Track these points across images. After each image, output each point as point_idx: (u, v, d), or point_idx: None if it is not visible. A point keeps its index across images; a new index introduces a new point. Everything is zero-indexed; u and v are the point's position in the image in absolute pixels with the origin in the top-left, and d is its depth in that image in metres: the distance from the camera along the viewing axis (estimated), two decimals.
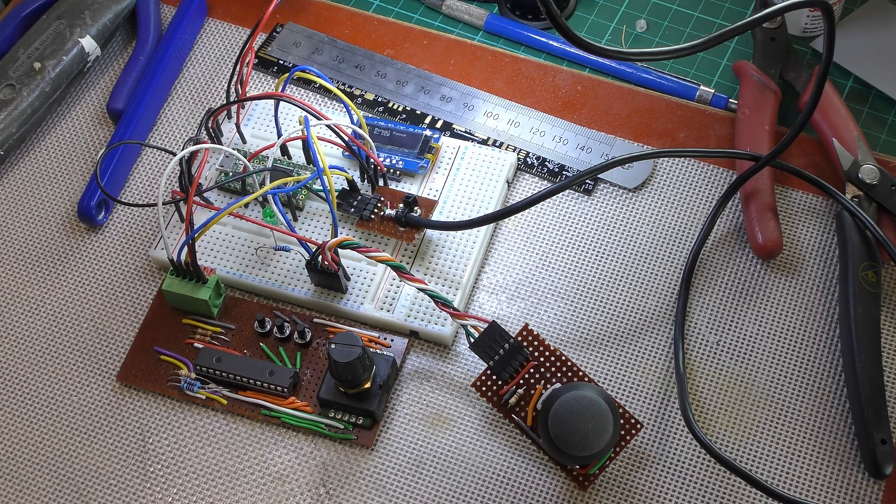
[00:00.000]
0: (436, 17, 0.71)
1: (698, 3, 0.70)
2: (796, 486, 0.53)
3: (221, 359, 0.56)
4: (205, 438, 0.56)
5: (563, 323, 0.58)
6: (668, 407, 0.55)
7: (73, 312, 0.60)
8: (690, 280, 0.58)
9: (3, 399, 0.58)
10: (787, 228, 0.60)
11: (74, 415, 0.57)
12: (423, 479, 0.54)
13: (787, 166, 0.60)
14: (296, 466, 0.55)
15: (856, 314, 0.55)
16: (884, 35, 0.66)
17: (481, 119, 0.65)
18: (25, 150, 0.66)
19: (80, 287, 0.61)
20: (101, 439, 0.56)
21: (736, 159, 0.61)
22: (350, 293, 0.59)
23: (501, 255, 0.60)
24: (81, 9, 0.68)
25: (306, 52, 0.69)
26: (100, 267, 0.62)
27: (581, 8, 0.70)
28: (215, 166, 0.63)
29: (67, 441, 0.56)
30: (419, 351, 0.58)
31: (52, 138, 0.67)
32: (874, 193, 0.58)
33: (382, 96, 0.66)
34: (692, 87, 0.65)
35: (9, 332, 0.60)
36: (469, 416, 0.56)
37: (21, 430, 0.57)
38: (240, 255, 0.60)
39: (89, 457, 0.56)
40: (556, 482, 0.54)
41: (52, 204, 0.64)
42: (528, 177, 0.63)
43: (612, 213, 0.61)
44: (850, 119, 0.61)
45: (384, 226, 0.59)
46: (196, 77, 0.68)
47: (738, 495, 0.53)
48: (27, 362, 0.59)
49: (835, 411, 0.55)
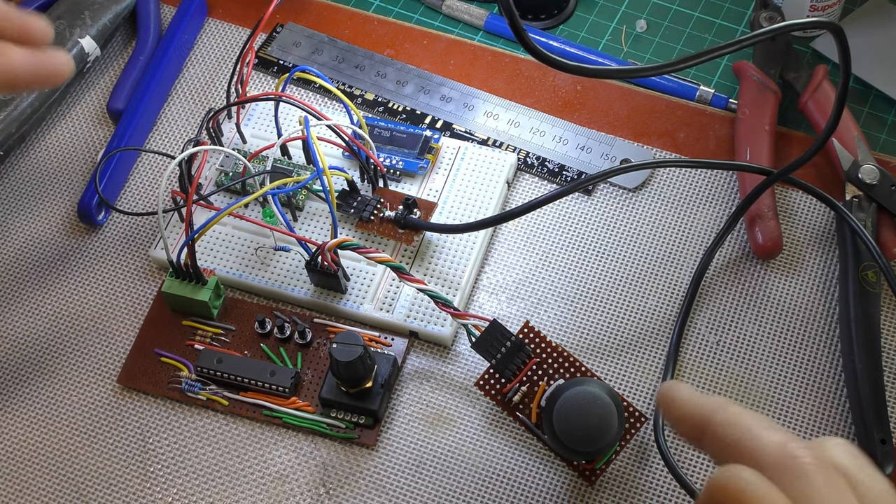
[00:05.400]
0: (436, 17, 0.71)
1: (698, 3, 0.70)
2: None
3: (222, 360, 0.56)
4: (205, 439, 0.56)
5: (563, 323, 0.58)
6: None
7: (73, 313, 0.60)
8: (697, 289, 0.58)
9: (3, 399, 0.58)
10: (787, 228, 0.60)
11: (74, 415, 0.57)
12: (424, 479, 0.54)
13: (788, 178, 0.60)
14: (296, 466, 0.55)
15: (856, 314, 0.55)
16: (884, 35, 0.66)
17: (481, 119, 0.65)
18: (25, 150, 0.66)
19: (80, 287, 0.61)
20: (101, 440, 0.56)
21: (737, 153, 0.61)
22: (350, 293, 0.59)
23: (501, 256, 0.60)
24: (81, 9, 0.67)
25: (306, 52, 0.69)
26: (100, 267, 0.62)
27: (581, 8, 0.70)
28: (215, 166, 0.63)
29: (67, 441, 0.56)
30: (419, 351, 0.58)
31: (52, 138, 0.67)
32: (874, 193, 0.58)
33: (382, 96, 0.66)
34: (692, 87, 0.65)
35: (9, 332, 0.60)
36: (470, 415, 0.56)
37: (21, 430, 0.57)
38: (240, 256, 0.60)
39: (89, 457, 0.56)
40: (561, 478, 0.54)
41: (52, 204, 0.64)
42: (528, 177, 0.63)
43: (612, 213, 0.61)
44: (850, 119, 0.61)
45: (384, 227, 0.59)
46: (196, 77, 0.68)
47: None
48: (27, 362, 0.59)
49: (835, 411, 0.55)
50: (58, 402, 0.58)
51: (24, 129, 0.65)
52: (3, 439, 0.57)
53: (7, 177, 0.66)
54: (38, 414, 0.57)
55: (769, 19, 0.65)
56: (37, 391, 0.58)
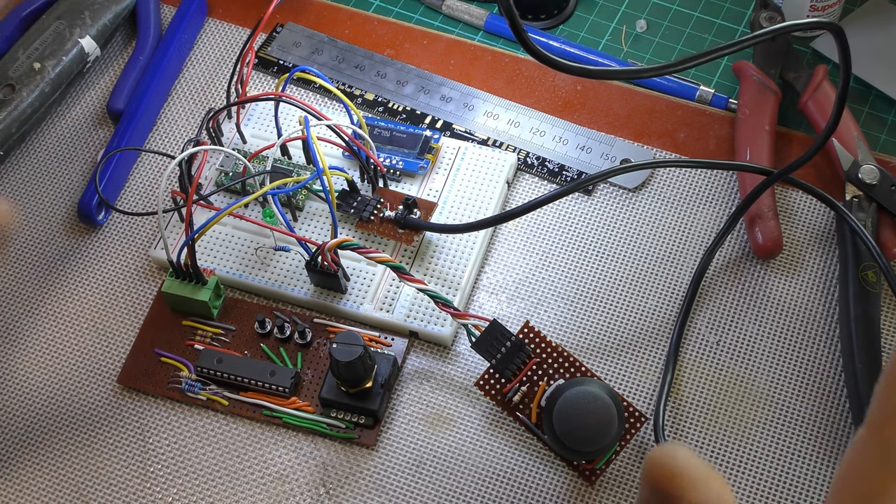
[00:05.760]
0: (436, 17, 0.71)
1: (698, 3, 0.70)
2: (796, 486, 0.53)
3: (222, 360, 0.56)
4: (205, 439, 0.56)
5: (563, 323, 0.58)
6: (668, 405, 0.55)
7: (73, 313, 0.60)
8: (697, 289, 0.58)
9: (4, 399, 0.58)
10: (787, 228, 0.60)
11: (74, 415, 0.57)
12: (424, 479, 0.54)
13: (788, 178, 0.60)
14: (295, 466, 0.55)
15: (856, 314, 0.55)
16: (884, 35, 0.66)
17: (481, 119, 0.65)
18: (25, 150, 0.66)
19: (80, 287, 0.61)
20: (101, 440, 0.56)
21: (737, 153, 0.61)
22: (349, 293, 0.59)
23: (501, 256, 0.60)
24: (81, 9, 0.68)
25: (306, 52, 0.69)
26: (100, 267, 0.62)
27: (581, 8, 0.70)
28: (215, 166, 0.63)
29: (67, 441, 0.56)
30: (419, 351, 0.58)
31: (52, 138, 0.67)
32: (874, 193, 0.58)
33: (382, 96, 0.66)
34: (692, 87, 0.65)
35: (9, 332, 0.60)
36: (470, 415, 0.56)
37: (21, 430, 0.57)
38: (239, 256, 0.60)
39: (89, 457, 0.56)
40: (561, 478, 0.54)
41: (52, 204, 0.64)
42: (528, 177, 0.63)
43: (612, 213, 0.61)
44: (850, 119, 0.61)
45: (383, 227, 0.59)
46: (196, 77, 0.68)
47: (739, 490, 0.53)
48: (27, 362, 0.59)
49: (835, 411, 0.55)
50: (58, 401, 0.58)
51: (24, 129, 0.65)
52: (3, 439, 0.57)
53: (7, 177, 0.66)
54: (38, 413, 0.57)
55: (769, 19, 0.65)
56: (37, 390, 0.58)
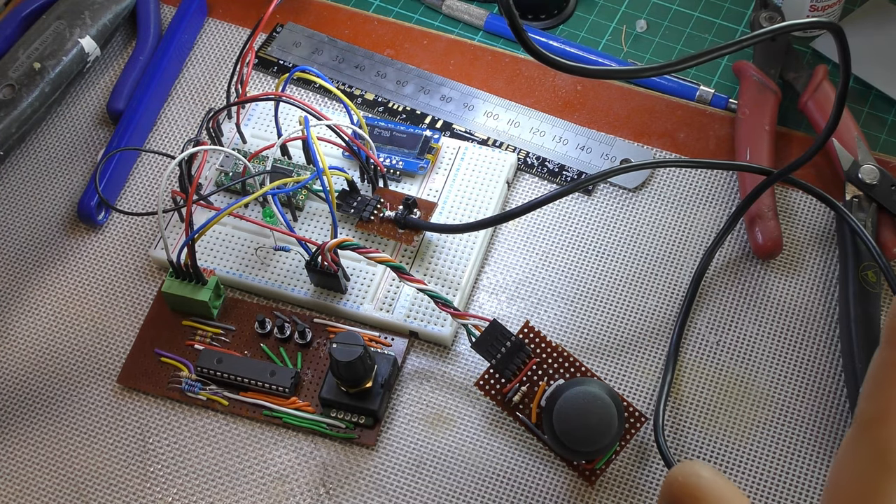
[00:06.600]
0: (436, 17, 0.71)
1: (698, 3, 0.70)
2: (796, 486, 0.53)
3: (222, 360, 0.56)
4: (205, 439, 0.56)
5: (563, 323, 0.58)
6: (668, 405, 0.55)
7: (73, 312, 0.60)
8: (697, 289, 0.58)
9: (4, 399, 0.58)
10: (787, 228, 0.60)
11: (74, 415, 0.57)
12: (424, 479, 0.54)
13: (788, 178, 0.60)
14: (295, 466, 0.55)
15: (856, 314, 0.55)
16: (884, 35, 0.66)
17: (481, 119, 0.65)
18: (25, 150, 0.66)
19: (80, 287, 0.61)
20: (101, 440, 0.56)
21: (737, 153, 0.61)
22: (349, 293, 0.59)
23: (501, 256, 0.60)
24: (81, 9, 0.68)
25: (306, 52, 0.69)
26: (100, 267, 0.62)
27: (581, 8, 0.70)
28: (215, 166, 0.63)
29: (67, 441, 0.56)
30: (419, 351, 0.58)
31: (52, 138, 0.67)
32: (874, 193, 0.58)
33: (382, 96, 0.66)
34: (692, 87, 0.65)
35: (9, 332, 0.60)
36: (470, 415, 0.56)
37: (21, 430, 0.57)
38: (240, 256, 0.60)
39: (89, 457, 0.56)
40: (561, 478, 0.54)
41: (52, 204, 0.64)
42: (528, 177, 0.63)
43: (612, 213, 0.61)
44: (850, 119, 0.61)
45: (383, 227, 0.59)
46: (196, 77, 0.68)
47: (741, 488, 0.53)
48: (27, 362, 0.59)
49: (835, 411, 0.55)
50: (58, 401, 0.58)
51: (24, 129, 0.65)
52: (3, 439, 0.57)
53: (7, 177, 0.66)
54: (38, 414, 0.57)
55: (769, 19, 0.65)
56: (37, 391, 0.58)
